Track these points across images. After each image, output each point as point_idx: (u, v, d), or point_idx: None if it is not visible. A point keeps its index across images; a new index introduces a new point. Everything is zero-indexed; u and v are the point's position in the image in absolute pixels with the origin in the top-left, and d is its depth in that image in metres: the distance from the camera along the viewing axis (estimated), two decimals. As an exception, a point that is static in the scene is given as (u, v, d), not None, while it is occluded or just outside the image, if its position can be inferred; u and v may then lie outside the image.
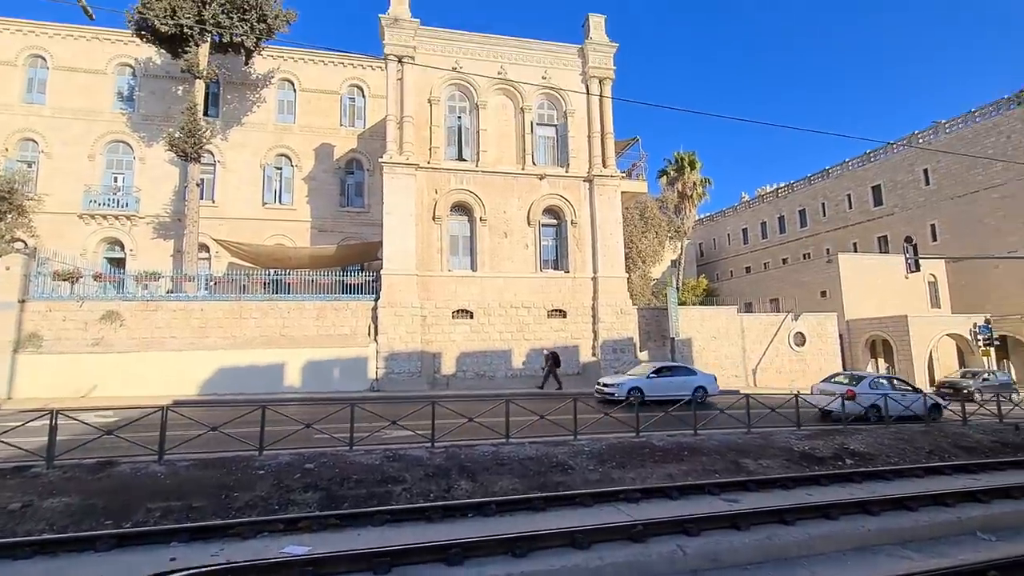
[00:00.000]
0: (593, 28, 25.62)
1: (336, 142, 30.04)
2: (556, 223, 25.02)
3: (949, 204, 38.71)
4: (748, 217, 57.14)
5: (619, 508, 8.03)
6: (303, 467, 9.36)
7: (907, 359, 30.27)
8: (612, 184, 24.92)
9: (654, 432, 12.49)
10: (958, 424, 15.28)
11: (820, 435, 13.16)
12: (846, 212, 46.44)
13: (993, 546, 7.16)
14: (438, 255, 23.14)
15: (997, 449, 13.13)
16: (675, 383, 18.18)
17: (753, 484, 9.22)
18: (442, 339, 22.54)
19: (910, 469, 10.57)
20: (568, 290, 24.13)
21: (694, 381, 18.54)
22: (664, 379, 18.37)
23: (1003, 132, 35.76)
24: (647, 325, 25.45)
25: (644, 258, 35.64)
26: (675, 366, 19.95)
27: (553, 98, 25.51)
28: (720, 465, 10.69)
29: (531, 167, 24.56)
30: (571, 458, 10.39)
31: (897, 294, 33.29)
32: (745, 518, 7.33)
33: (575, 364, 23.68)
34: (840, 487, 9.45)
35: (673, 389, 17.41)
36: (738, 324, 27.18)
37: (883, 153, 43.64)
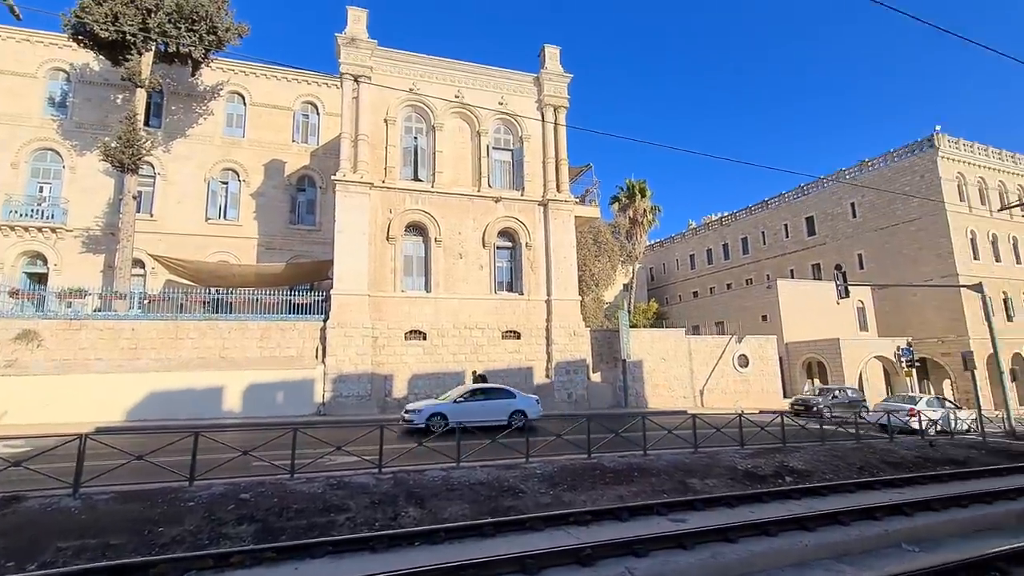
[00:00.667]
0: (549, 58, 26.47)
1: (288, 158, 29.33)
2: (511, 245, 25.22)
3: (873, 235, 41.88)
4: (695, 244, 59.67)
5: (569, 531, 7.98)
6: (238, 498, 8.80)
7: (840, 380, 32.06)
8: (566, 208, 25.47)
9: (605, 453, 12.56)
10: (885, 441, 16.25)
11: (762, 454, 13.64)
12: (783, 241, 49.34)
13: (916, 557, 7.57)
14: (391, 275, 22.76)
15: (920, 464, 14.01)
16: (488, 407, 16.74)
17: (700, 503, 9.40)
18: (394, 361, 22.03)
19: (843, 485, 11.07)
20: (522, 312, 24.24)
21: (512, 405, 17.16)
22: (474, 403, 16.83)
23: (917, 172, 39.28)
24: (599, 347, 25.84)
25: (597, 281, 36.41)
26: (491, 388, 18.22)
27: (509, 123, 25.99)
28: (668, 485, 10.86)
29: (487, 190, 24.78)
30: (522, 481, 10.28)
31: (830, 319, 35.41)
32: (691, 537, 7.45)
33: (529, 386, 23.62)
34: (780, 504, 9.78)
35: (484, 414, 16.00)
36: (686, 346, 28.05)
37: (815, 187, 46.88)
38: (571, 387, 23.70)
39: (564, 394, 23.58)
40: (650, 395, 26.37)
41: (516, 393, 17.93)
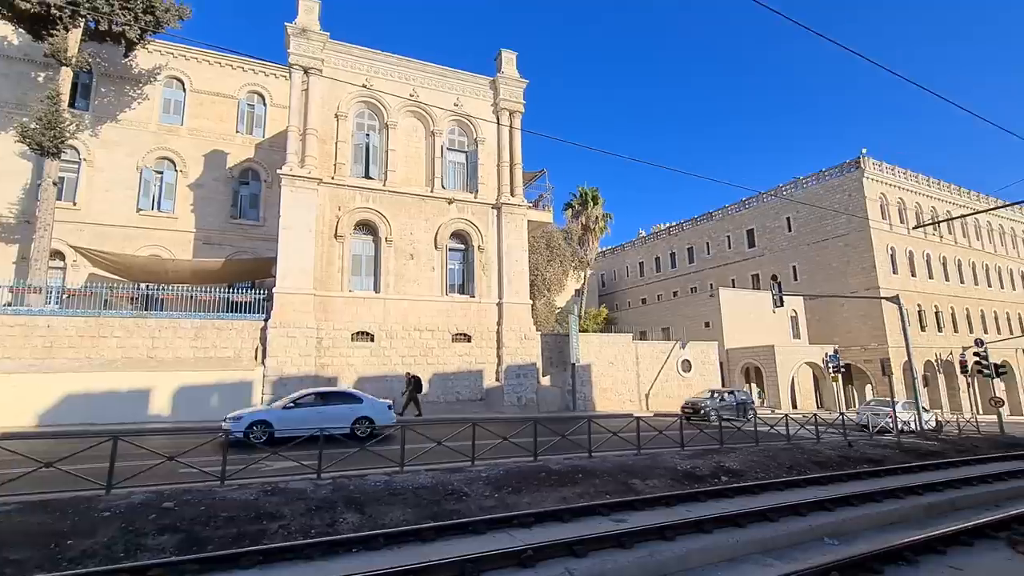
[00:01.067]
0: (505, 63, 26.61)
1: (231, 149, 27.97)
2: (463, 247, 25.09)
3: (807, 248, 44.62)
4: (644, 252, 61.54)
5: (512, 534, 7.95)
6: (160, 507, 8.23)
7: (774, 384, 33.88)
8: (519, 212, 25.62)
9: (551, 456, 12.67)
10: (813, 442, 17.24)
11: (701, 455, 14.15)
12: (726, 252, 51.72)
13: (837, 549, 8.03)
14: (339, 275, 22.11)
15: (842, 463, 14.94)
16: (326, 414, 14.37)
17: (640, 503, 9.61)
18: (339, 363, 21.37)
19: (773, 483, 11.64)
20: (474, 315, 24.14)
21: (356, 411, 15.17)
22: (306, 410, 14.54)
23: (845, 191, 42.21)
24: (549, 351, 26.10)
25: (549, 286, 36.82)
26: (332, 392, 16.09)
27: (464, 125, 25.91)
28: (612, 486, 11.05)
29: (440, 190, 24.57)
30: (467, 485, 10.18)
31: (766, 326, 37.36)
32: (630, 537, 7.59)
33: (479, 389, 23.55)
34: (716, 502, 10.14)
35: (320, 422, 13.11)
36: (633, 351, 28.80)
37: (756, 201, 49.44)
38: (521, 390, 23.78)
39: (514, 397, 23.62)
40: (598, 399, 26.87)
41: (363, 398, 15.82)
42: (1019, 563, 7.01)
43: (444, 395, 22.77)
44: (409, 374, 21.20)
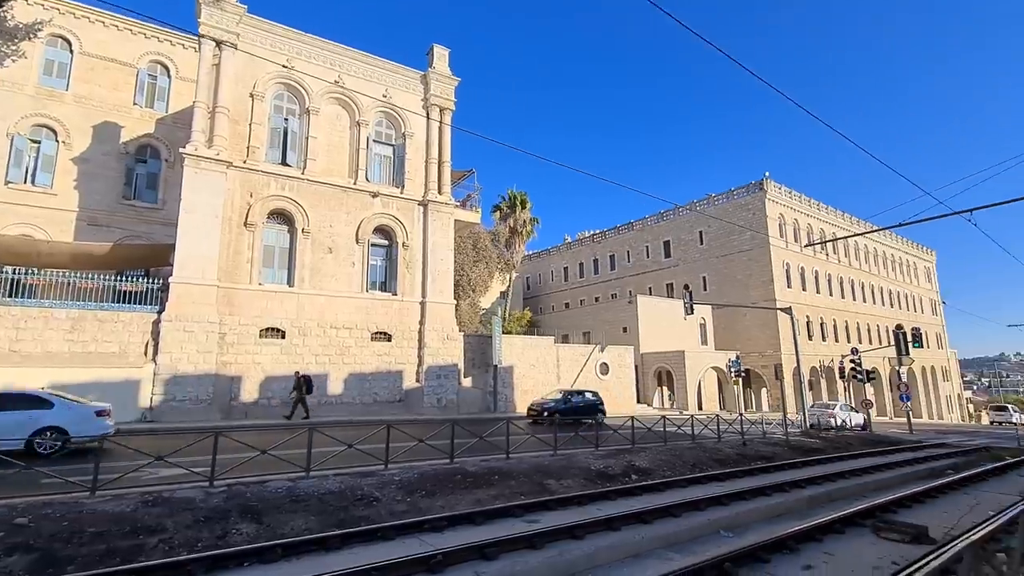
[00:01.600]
0: (437, 59, 26.18)
1: (126, 123, 25.21)
2: (387, 243, 24.31)
3: (716, 261, 47.94)
4: (569, 257, 63.17)
5: (423, 539, 7.69)
6: (12, 523, 7.10)
7: (683, 387, 35.97)
8: (447, 211, 25.26)
9: (468, 458, 12.50)
10: (715, 441, 18.42)
11: (614, 454, 14.61)
12: (645, 260, 54.35)
13: (731, 541, 8.55)
14: (248, 266, 20.57)
15: (739, 460, 16.07)
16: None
17: (554, 503, 9.70)
18: (245, 361, 19.86)
19: (677, 481, 12.25)
20: (395, 313, 23.43)
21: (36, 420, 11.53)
22: None
23: (750, 209, 45.86)
24: (472, 352, 25.93)
25: (474, 287, 36.66)
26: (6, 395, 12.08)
27: (392, 118, 25.15)
28: (527, 487, 11.08)
29: (364, 183, 23.64)
30: (378, 489, 9.76)
31: (678, 332, 39.65)
32: (541, 537, 7.60)
33: (398, 390, 22.87)
34: (626, 500, 10.47)
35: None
36: (554, 354, 29.35)
37: (672, 214, 52.40)
38: (441, 392, 23.40)
39: (434, 399, 23.19)
40: (519, 400, 27.06)
41: (55, 401, 12.06)
42: (880, 547, 7.81)
43: (360, 396, 21.88)
44: (299, 374, 19.57)
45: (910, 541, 7.89)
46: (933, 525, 9.15)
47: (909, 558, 7.14)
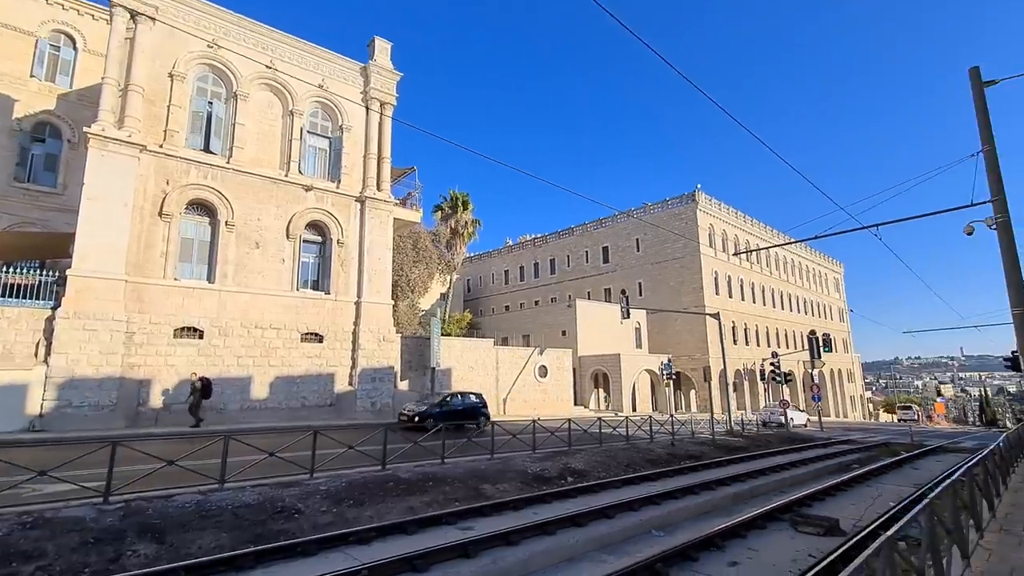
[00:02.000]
0: (379, 52, 25.36)
1: (22, 96, 22.52)
2: (321, 240, 23.18)
3: (651, 268, 49.73)
4: (510, 260, 63.38)
5: (348, 552, 7.22)
6: None
7: (619, 389, 36.91)
8: (385, 208, 24.47)
9: (401, 464, 12.02)
10: (647, 441, 18.93)
11: (550, 457, 14.60)
12: (584, 265, 55.47)
13: (663, 541, 8.68)
14: (162, 259, 18.87)
15: (669, 459, 16.57)
16: None
17: (489, 508, 9.47)
18: (156, 363, 18.19)
19: (612, 482, 12.39)
20: (328, 313, 22.35)
21: None
22: None
23: (683, 219, 47.98)
24: (409, 354, 25.25)
25: (413, 288, 35.85)
26: None
27: (329, 109, 24.06)
28: (462, 493, 10.77)
29: (297, 176, 22.42)
30: (302, 500, 9.11)
31: (615, 336, 40.69)
32: (476, 545, 7.35)
33: (329, 394, 21.81)
34: (561, 503, 10.42)
35: None
36: (493, 356, 29.18)
37: (612, 220, 53.87)
38: (376, 395, 22.56)
39: (368, 402, 22.31)
40: (456, 403, 26.60)
41: None
42: (798, 541, 8.19)
43: (288, 400, 20.66)
44: (196, 375, 17.86)
45: (824, 534, 8.34)
46: (843, 517, 9.77)
47: (823, 550, 7.53)
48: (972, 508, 6.63)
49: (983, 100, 13.77)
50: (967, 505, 6.33)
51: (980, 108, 13.93)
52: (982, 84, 14.06)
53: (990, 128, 14.01)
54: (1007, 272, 13.34)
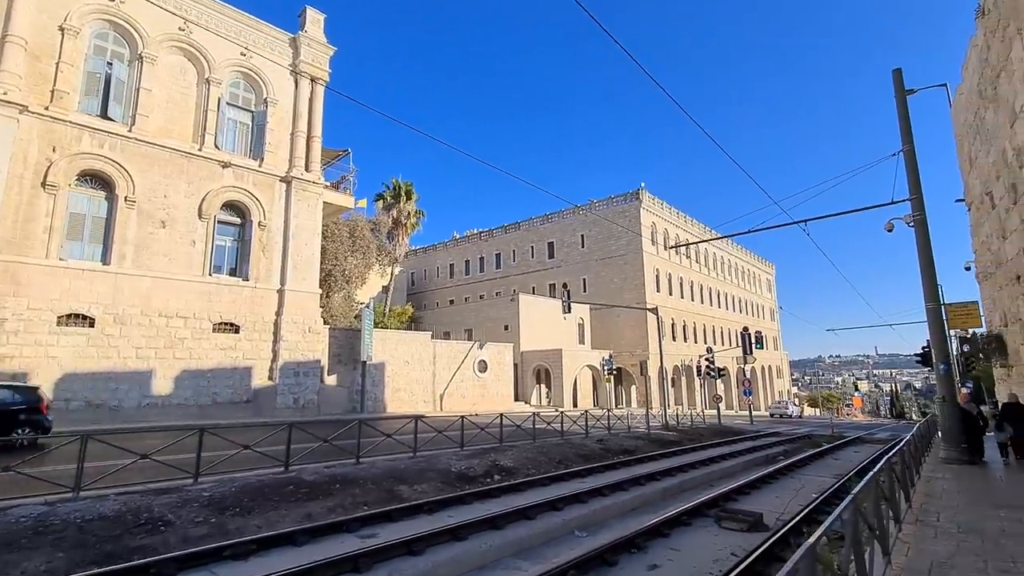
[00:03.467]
0: (311, 23, 23.63)
1: None
2: (240, 222, 21.31)
3: (595, 264, 50.03)
4: (456, 254, 62.17)
5: (215, 572, 6.13)
6: None
7: (560, 385, 36.73)
8: (314, 191, 22.84)
9: (309, 464, 10.87)
10: (582, 436, 18.56)
11: (479, 454, 13.83)
12: (529, 260, 55.15)
13: (584, 543, 8.09)
14: (44, 236, 16.57)
15: (603, 454, 16.22)
16: None
17: (399, 512, 8.56)
18: (35, 354, 15.94)
19: (540, 479, 11.78)
20: (246, 301, 20.56)
21: None
22: None
23: (627, 217, 48.54)
24: (339, 347, 23.76)
25: (349, 279, 34.05)
26: None
27: (253, 80, 22.15)
28: (373, 496, 9.79)
29: (212, 150, 20.45)
30: (175, 509, 7.85)
31: (559, 332, 40.52)
32: (370, 557, 6.45)
33: (245, 390, 20.06)
34: (482, 503, 9.66)
35: None
36: (431, 350, 28.10)
37: (558, 216, 53.79)
38: (299, 391, 21.01)
39: (290, 399, 20.74)
40: (390, 399, 25.41)
41: None
42: (722, 537, 7.82)
43: (197, 397, 18.79)
44: None
45: (748, 529, 8.02)
46: (768, 511, 9.58)
47: (746, 548, 7.17)
48: (892, 500, 6.41)
49: (904, 101, 14.19)
50: (887, 497, 6.08)
51: (901, 109, 14.36)
52: (904, 87, 14.52)
53: (910, 129, 14.48)
54: (922, 268, 13.83)
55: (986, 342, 16.03)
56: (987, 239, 15.86)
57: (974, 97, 14.99)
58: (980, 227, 16.73)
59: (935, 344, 12.86)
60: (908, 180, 14.05)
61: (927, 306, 13.08)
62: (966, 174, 17.86)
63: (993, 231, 14.87)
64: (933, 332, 13.04)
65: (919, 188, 13.84)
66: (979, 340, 18.79)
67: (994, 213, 14.49)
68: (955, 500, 8.35)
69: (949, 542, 6.08)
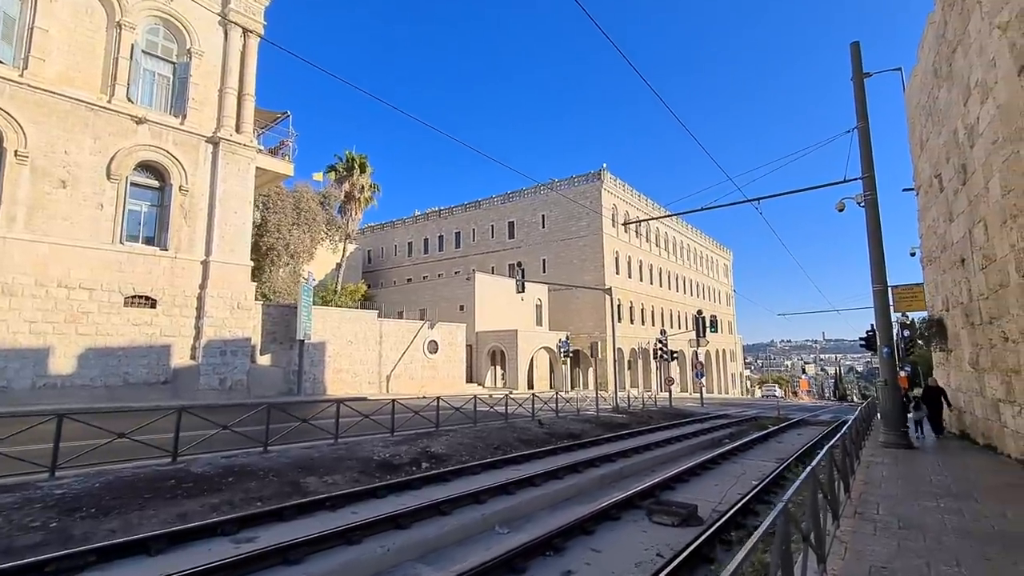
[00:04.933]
0: (243, -33, 21.38)
1: None
2: (158, 185, 19.28)
3: (555, 245, 49.32)
4: (415, 232, 60.32)
5: (26, 593, 4.92)
6: None
7: (514, 367, 36.07)
8: (245, 154, 20.92)
9: (204, 454, 9.62)
10: (528, 419, 17.83)
11: (410, 440, 12.85)
12: (489, 240, 53.96)
13: (502, 540, 7.25)
14: (-91, 192, 14.33)
15: (547, 439, 15.52)
16: None
17: (292, 510, 7.49)
18: (-102, 328, 13.85)
19: (472, 467, 10.89)
20: (164, 273, 18.69)
21: None
22: None
23: (589, 197, 47.86)
24: (274, 325, 22.18)
25: (294, 253, 32.10)
26: None
27: (174, 28, 19.90)
28: (272, 489, 8.67)
29: (124, 103, 18.27)
30: (8, 512, 6.53)
31: (516, 313, 39.72)
32: (233, 569, 5.38)
33: (163, 370, 18.35)
34: (397, 496, 8.70)
35: None
36: (377, 329, 26.79)
37: (519, 195, 52.65)
38: (226, 371, 19.42)
39: (215, 380, 19.14)
40: (331, 381, 24.07)
41: None
42: (651, 534, 7.12)
43: (105, 377, 17.01)
44: None
45: (680, 523, 7.35)
46: (705, 501, 9.02)
47: (675, 546, 6.49)
48: (831, 495, 5.79)
49: (861, 76, 13.69)
50: (825, 492, 5.44)
51: (858, 84, 13.87)
52: (861, 61, 14.00)
53: (865, 104, 14.01)
54: (871, 249, 13.51)
55: (927, 326, 16.06)
56: (933, 223, 15.77)
57: (929, 77, 14.66)
58: (927, 211, 16.66)
59: (880, 327, 12.58)
60: (861, 158, 13.64)
61: (874, 288, 12.78)
62: (916, 158, 17.75)
63: (940, 214, 14.72)
64: (879, 314, 12.77)
65: (872, 167, 13.45)
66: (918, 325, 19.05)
67: (942, 196, 14.31)
68: (894, 488, 7.92)
69: (890, 541, 5.50)
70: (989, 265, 10.66)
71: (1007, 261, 9.63)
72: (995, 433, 11.29)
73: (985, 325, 11.26)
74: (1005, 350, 10.09)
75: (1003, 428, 10.64)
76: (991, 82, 9.79)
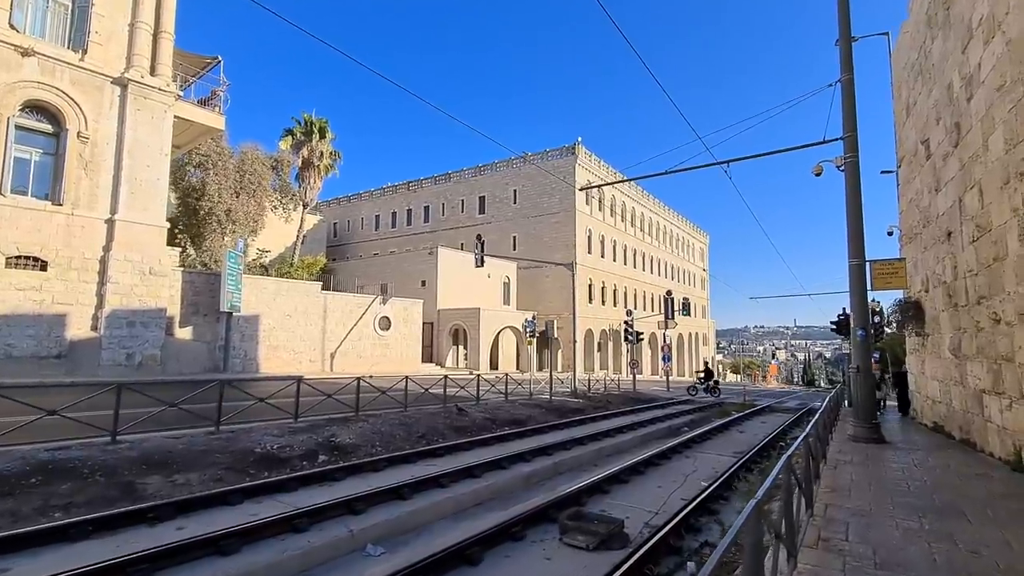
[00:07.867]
0: None
1: None
2: (52, 131, 16.74)
3: (526, 221, 47.42)
4: (383, 205, 57.73)
5: None
6: None
7: (477, 347, 34.41)
8: (161, 100, 18.41)
9: (24, 445, 7.68)
10: (472, 403, 16.19)
11: (316, 427, 11.06)
12: (459, 215, 51.76)
13: (372, 564, 5.55)
14: None
15: (485, 426, 13.90)
16: None
17: (86, 527, 5.65)
18: None
19: (375, 462, 9.17)
20: (58, 231, 16.31)
21: None
22: None
23: (562, 173, 45.84)
24: (197, 295, 19.98)
25: (236, 221, 29.50)
26: None
27: (71, -55, 17.13)
28: (92, 493, 6.79)
29: (6, 31, 15.61)
30: None
31: (482, 290, 37.90)
32: None
33: (58, 343, 16.11)
34: (256, 504, 6.92)
35: None
36: (321, 303, 24.72)
37: (491, 168, 50.39)
38: (135, 345, 17.25)
39: (121, 354, 16.97)
40: (265, 358, 22.05)
41: None
42: (556, 562, 5.48)
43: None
44: None
45: (596, 546, 5.73)
46: (639, 510, 7.46)
47: (582, 583, 4.89)
48: (787, 518, 4.17)
49: (847, 15, 12.02)
50: (776, 531, 3.81)
51: (844, 27, 12.21)
52: (848, 3, 12.34)
53: (851, 55, 12.41)
54: (849, 219, 11.90)
55: (902, 309, 14.77)
56: (916, 196, 14.38)
57: (921, 29, 13.06)
58: (910, 184, 15.27)
59: (855, 305, 11.13)
60: (843, 116, 12.00)
61: (851, 263, 11.27)
62: (900, 127, 16.30)
63: (925, 185, 13.30)
64: (854, 293, 11.31)
65: (855, 126, 11.83)
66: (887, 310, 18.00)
67: (928, 164, 12.85)
68: (867, 498, 6.43)
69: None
70: (982, 236, 9.20)
71: (1005, 230, 8.14)
72: (976, 428, 10.00)
73: (972, 306, 9.87)
74: (995, 334, 8.69)
75: (987, 423, 9.32)
76: (1001, 13, 8.16)
